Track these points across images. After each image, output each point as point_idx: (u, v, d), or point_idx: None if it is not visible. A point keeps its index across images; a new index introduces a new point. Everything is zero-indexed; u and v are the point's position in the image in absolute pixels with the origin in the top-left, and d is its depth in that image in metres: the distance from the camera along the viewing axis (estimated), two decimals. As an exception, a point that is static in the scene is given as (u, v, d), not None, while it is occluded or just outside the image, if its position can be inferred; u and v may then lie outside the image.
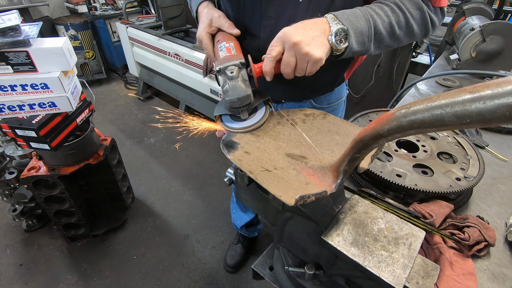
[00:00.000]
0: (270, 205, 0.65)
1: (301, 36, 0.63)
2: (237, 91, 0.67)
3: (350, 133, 0.69)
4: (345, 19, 0.68)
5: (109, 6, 3.95)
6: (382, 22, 0.71)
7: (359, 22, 0.69)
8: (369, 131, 0.42)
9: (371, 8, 0.72)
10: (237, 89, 0.67)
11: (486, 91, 0.28)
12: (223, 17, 0.83)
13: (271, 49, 0.67)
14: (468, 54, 1.68)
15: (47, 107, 1.43)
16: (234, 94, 0.67)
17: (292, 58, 0.66)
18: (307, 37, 0.64)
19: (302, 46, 0.63)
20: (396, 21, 0.73)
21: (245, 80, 0.69)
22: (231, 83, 0.67)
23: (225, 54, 0.74)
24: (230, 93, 0.67)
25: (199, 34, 0.83)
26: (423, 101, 0.34)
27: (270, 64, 0.67)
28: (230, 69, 0.68)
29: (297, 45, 0.63)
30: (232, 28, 0.82)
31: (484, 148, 1.11)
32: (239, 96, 0.67)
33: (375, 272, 0.49)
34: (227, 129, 0.71)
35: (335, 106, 1.11)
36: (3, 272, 1.87)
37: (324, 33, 0.66)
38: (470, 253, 0.72)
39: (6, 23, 1.28)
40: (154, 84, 3.55)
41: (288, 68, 0.67)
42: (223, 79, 0.70)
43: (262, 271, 0.78)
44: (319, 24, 0.67)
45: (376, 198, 0.72)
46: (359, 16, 0.69)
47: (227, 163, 2.74)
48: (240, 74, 0.69)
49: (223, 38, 0.80)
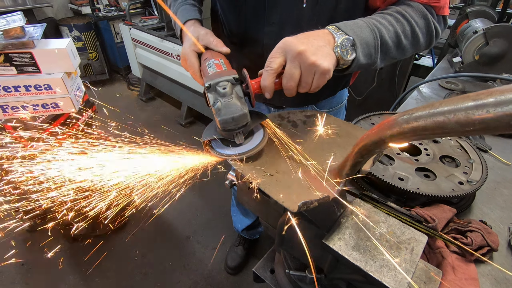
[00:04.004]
0: (271, 208, 0.65)
1: (305, 45, 0.57)
2: (232, 109, 0.57)
3: (352, 134, 0.68)
4: (349, 29, 0.63)
5: (112, 8, 3.98)
6: (387, 32, 0.67)
7: (364, 32, 0.64)
8: (371, 137, 0.42)
9: (374, 18, 0.68)
10: (232, 106, 0.57)
11: (489, 99, 0.27)
12: (211, 34, 0.77)
13: (270, 61, 0.60)
14: (471, 57, 1.67)
15: (50, 107, 1.44)
16: (228, 113, 0.57)
17: (296, 69, 0.58)
18: (311, 46, 0.58)
19: (308, 56, 0.56)
20: (402, 30, 0.69)
21: (240, 97, 0.60)
22: (223, 100, 0.58)
23: (214, 70, 0.66)
24: (223, 112, 0.57)
25: (184, 52, 0.76)
26: (426, 107, 0.34)
27: (270, 78, 0.60)
28: (222, 85, 0.59)
29: (302, 55, 0.56)
30: (221, 46, 0.75)
31: (487, 151, 1.10)
32: (234, 115, 0.57)
33: (376, 277, 0.49)
34: (219, 156, 0.62)
35: (336, 110, 1.11)
36: (5, 271, 1.88)
37: (329, 43, 0.61)
38: (472, 258, 0.71)
39: (10, 24, 1.29)
40: (156, 85, 3.56)
41: (291, 81, 0.59)
42: (214, 97, 0.59)
43: (263, 274, 0.78)
44: (322, 35, 0.62)
45: (378, 202, 0.72)
46: (362, 26, 0.65)
47: (228, 165, 2.74)
48: (234, 91, 0.60)
49: (211, 55, 0.72)
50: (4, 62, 1.31)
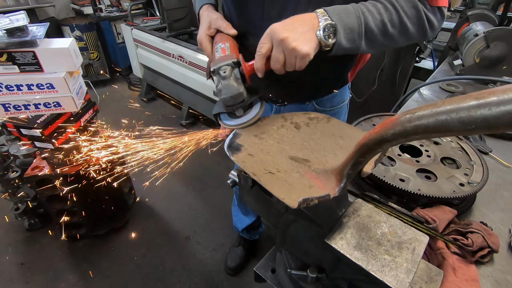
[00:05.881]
0: (273, 208, 0.65)
1: (288, 31, 0.64)
2: (230, 90, 0.69)
3: (354, 137, 0.69)
4: (335, 14, 0.68)
5: (114, 8, 3.99)
6: (373, 19, 0.71)
7: (350, 18, 0.69)
8: (373, 136, 0.42)
9: (364, 5, 0.72)
10: (230, 87, 0.69)
11: (492, 97, 0.28)
12: (221, 18, 0.86)
13: (260, 46, 0.69)
14: (472, 60, 1.68)
15: (52, 107, 1.45)
16: (227, 93, 0.69)
17: (281, 54, 0.67)
18: (295, 32, 0.65)
19: (289, 42, 0.64)
20: (389, 19, 0.72)
21: (237, 78, 0.71)
22: (223, 82, 0.70)
23: (220, 54, 0.76)
24: (224, 92, 0.70)
25: (199, 37, 0.86)
26: (428, 106, 0.34)
27: (260, 61, 0.69)
28: (223, 69, 0.71)
29: (285, 41, 0.64)
30: (230, 29, 0.84)
31: (488, 154, 1.11)
32: (232, 94, 0.69)
33: (378, 276, 0.49)
34: (225, 126, 0.74)
35: (337, 109, 1.11)
36: (4, 270, 1.88)
37: (312, 28, 0.67)
38: (473, 259, 0.71)
39: (13, 24, 1.29)
40: (157, 85, 3.57)
41: (277, 64, 0.68)
42: (217, 80, 0.72)
43: (264, 274, 0.78)
44: (308, 19, 0.67)
45: (379, 202, 0.72)
46: (350, 12, 0.69)
47: (229, 165, 2.74)
48: (233, 73, 0.71)
49: (220, 39, 0.82)
50: (7, 60, 1.32)
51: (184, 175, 2.64)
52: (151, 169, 1.06)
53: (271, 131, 0.71)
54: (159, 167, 1.08)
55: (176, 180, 2.58)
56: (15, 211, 1.94)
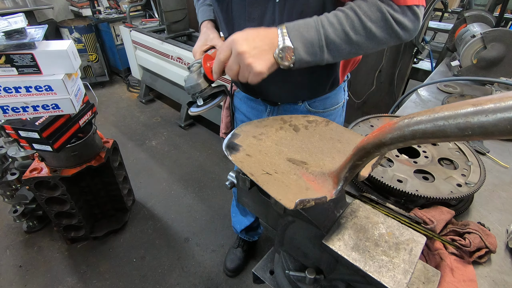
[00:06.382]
0: (271, 209, 0.65)
1: (247, 46, 0.66)
2: (190, 81, 0.81)
3: (352, 141, 0.69)
4: (295, 30, 0.68)
5: (113, 10, 3.99)
6: (334, 30, 0.70)
7: (309, 33, 0.69)
8: (371, 139, 0.42)
9: (326, 16, 0.71)
10: (190, 79, 0.81)
11: (489, 104, 0.28)
12: (217, 38, 0.93)
13: (220, 52, 0.71)
14: (469, 61, 1.69)
15: (50, 109, 1.45)
16: (188, 83, 0.81)
17: (236, 65, 0.69)
18: (253, 48, 0.66)
19: (246, 57, 0.66)
20: (351, 27, 0.70)
21: (200, 73, 0.82)
22: (188, 75, 0.82)
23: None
24: (186, 83, 0.82)
25: (194, 50, 0.95)
26: (426, 111, 0.34)
27: (217, 66, 0.74)
28: (193, 65, 0.84)
29: (242, 55, 0.66)
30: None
31: (485, 154, 1.11)
32: (191, 84, 0.81)
33: (376, 277, 0.49)
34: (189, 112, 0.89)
35: (330, 111, 1.10)
36: (3, 273, 1.87)
37: (271, 47, 0.68)
38: (471, 259, 0.72)
39: (12, 26, 1.29)
40: (156, 87, 3.57)
41: (230, 72, 0.72)
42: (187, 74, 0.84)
43: (262, 275, 0.78)
44: (270, 37, 0.68)
45: (377, 203, 0.73)
46: (310, 26, 0.69)
47: (228, 167, 2.74)
48: (200, 70, 0.82)
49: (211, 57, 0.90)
50: (5, 63, 1.32)
51: (183, 176, 2.64)
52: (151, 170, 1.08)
53: (269, 133, 0.72)
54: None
55: (175, 182, 2.58)
56: (13, 213, 1.94)
